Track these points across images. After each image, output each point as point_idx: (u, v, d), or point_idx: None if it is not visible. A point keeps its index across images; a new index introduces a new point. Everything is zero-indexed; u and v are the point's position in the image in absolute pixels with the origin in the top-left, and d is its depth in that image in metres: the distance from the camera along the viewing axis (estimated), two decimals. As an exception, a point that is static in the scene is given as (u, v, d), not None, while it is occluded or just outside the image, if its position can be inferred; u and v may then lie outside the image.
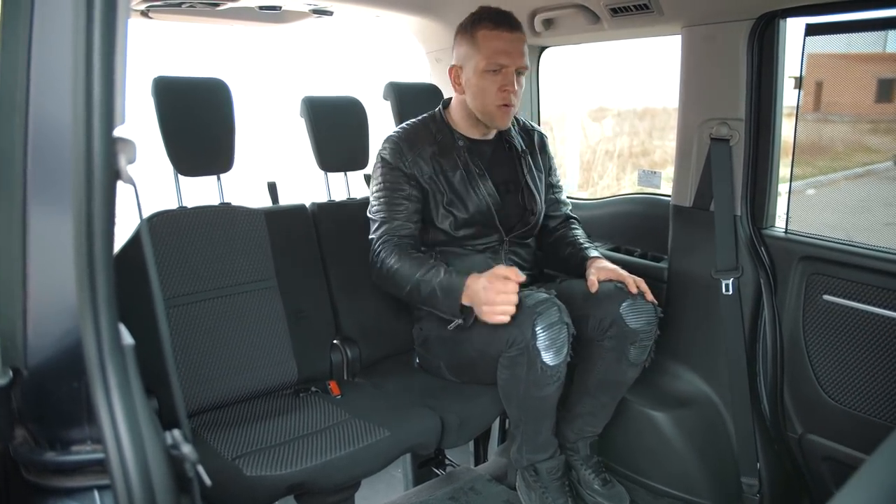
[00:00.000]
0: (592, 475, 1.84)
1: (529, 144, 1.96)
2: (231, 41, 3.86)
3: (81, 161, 0.73)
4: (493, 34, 1.72)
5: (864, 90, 1.84)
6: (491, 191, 1.82)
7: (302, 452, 1.46)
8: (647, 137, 10.53)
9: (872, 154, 2.21)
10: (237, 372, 1.73)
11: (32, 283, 0.83)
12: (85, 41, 0.72)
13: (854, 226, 1.80)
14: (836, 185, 2.17)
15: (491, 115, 1.79)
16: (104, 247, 0.77)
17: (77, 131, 0.73)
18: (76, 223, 0.75)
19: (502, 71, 1.73)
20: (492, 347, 1.59)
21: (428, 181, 1.79)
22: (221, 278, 1.76)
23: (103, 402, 0.76)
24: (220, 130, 1.77)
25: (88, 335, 0.76)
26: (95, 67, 0.73)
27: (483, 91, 1.75)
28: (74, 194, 0.75)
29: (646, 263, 2.08)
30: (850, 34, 1.60)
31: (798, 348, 1.75)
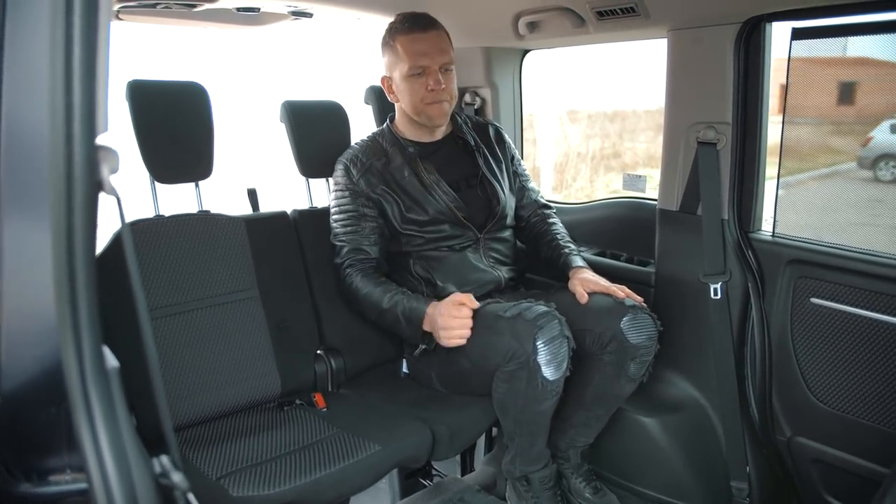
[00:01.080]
0: (583, 483, 1.82)
1: (485, 138, 1.98)
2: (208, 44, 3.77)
3: (61, 172, 0.68)
4: (409, 38, 1.77)
5: (827, 93, 1.86)
6: (447, 190, 1.83)
7: (290, 470, 1.41)
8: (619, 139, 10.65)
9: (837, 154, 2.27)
10: (219, 386, 1.67)
11: (6, 303, 0.77)
12: (64, 43, 0.67)
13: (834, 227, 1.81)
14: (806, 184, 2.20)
15: (426, 114, 1.83)
16: (86, 263, 0.72)
17: (56, 140, 0.68)
18: (55, 238, 0.70)
19: (426, 72, 1.78)
20: (489, 361, 1.56)
21: (381, 194, 1.81)
22: (201, 289, 1.70)
23: (87, 431, 0.71)
24: (198, 136, 1.71)
25: (70, 359, 0.71)
26: (76, 71, 0.68)
27: (413, 94, 1.80)
28: (53, 207, 0.69)
29: (632, 268, 2.06)
30: (836, 38, 1.60)
31: (786, 351, 1.75)
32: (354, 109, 2.13)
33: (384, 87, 1.88)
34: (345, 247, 1.80)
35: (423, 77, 1.78)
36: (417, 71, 1.77)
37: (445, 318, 1.60)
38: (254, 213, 1.92)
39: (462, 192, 1.86)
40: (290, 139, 1.96)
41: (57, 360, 0.72)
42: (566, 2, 1.85)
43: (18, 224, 0.76)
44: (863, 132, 3.43)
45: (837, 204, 1.79)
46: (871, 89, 2.02)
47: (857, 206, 1.80)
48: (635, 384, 1.72)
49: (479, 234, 1.85)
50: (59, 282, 0.70)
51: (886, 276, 1.54)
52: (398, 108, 1.90)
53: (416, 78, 1.78)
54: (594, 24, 1.87)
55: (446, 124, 1.92)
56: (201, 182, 1.77)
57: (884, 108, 2.04)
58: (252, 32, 2.26)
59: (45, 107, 0.68)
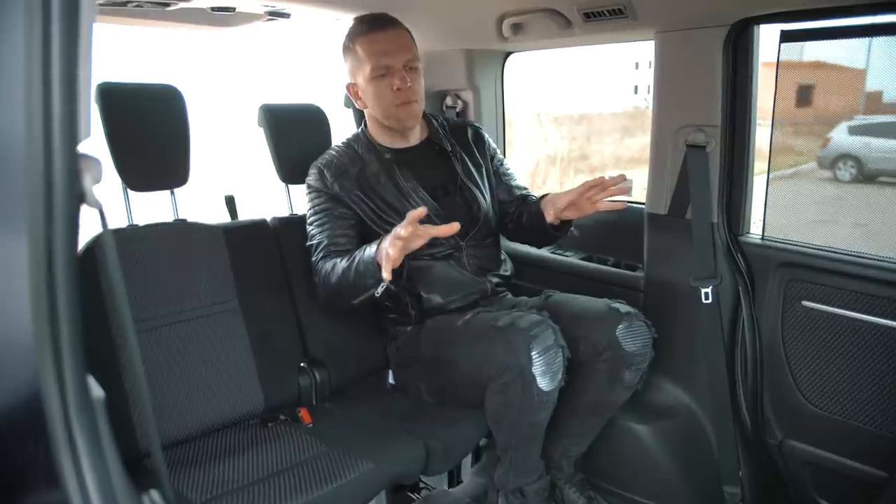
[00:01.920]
0: (577, 493, 1.79)
1: (463, 142, 1.91)
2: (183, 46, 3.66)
3: (39, 183, 0.61)
4: (368, 39, 1.71)
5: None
6: (425, 197, 1.77)
7: (280, 492, 1.34)
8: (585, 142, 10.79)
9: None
10: (200, 403, 1.59)
11: (-23, 328, 0.69)
12: (41, 44, 0.60)
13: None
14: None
15: (395, 117, 1.76)
16: (67, 283, 0.65)
17: (33, 149, 0.61)
18: (32, 255, 0.63)
19: (389, 72, 1.71)
20: (482, 373, 1.51)
21: (357, 201, 1.74)
22: (179, 302, 1.62)
23: (70, 469, 0.64)
24: (173, 141, 1.63)
25: (50, 389, 0.64)
26: (55, 75, 0.61)
27: (379, 97, 1.74)
28: (31, 221, 0.62)
29: (620, 273, 2.04)
30: (823, 41, 1.60)
31: (777, 355, 1.74)
32: (333, 112, 2.07)
33: (350, 95, 1.82)
34: (320, 244, 1.71)
35: (387, 78, 1.71)
36: (381, 72, 1.71)
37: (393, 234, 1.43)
38: (232, 222, 1.85)
39: (440, 200, 1.79)
40: (269, 144, 1.89)
41: (35, 390, 0.65)
42: (552, 3, 1.82)
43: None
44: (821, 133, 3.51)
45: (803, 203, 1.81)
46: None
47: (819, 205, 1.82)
48: (629, 392, 1.69)
49: (460, 241, 1.79)
50: (38, 306, 0.63)
51: (877, 279, 1.55)
52: (368, 114, 1.83)
53: (380, 80, 1.72)
54: (581, 26, 1.84)
55: (421, 129, 1.86)
56: (177, 190, 1.68)
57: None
58: (227, 33, 2.18)
59: (20, 113, 0.61)
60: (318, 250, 1.71)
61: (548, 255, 2.20)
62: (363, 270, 1.54)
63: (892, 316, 1.53)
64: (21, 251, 0.64)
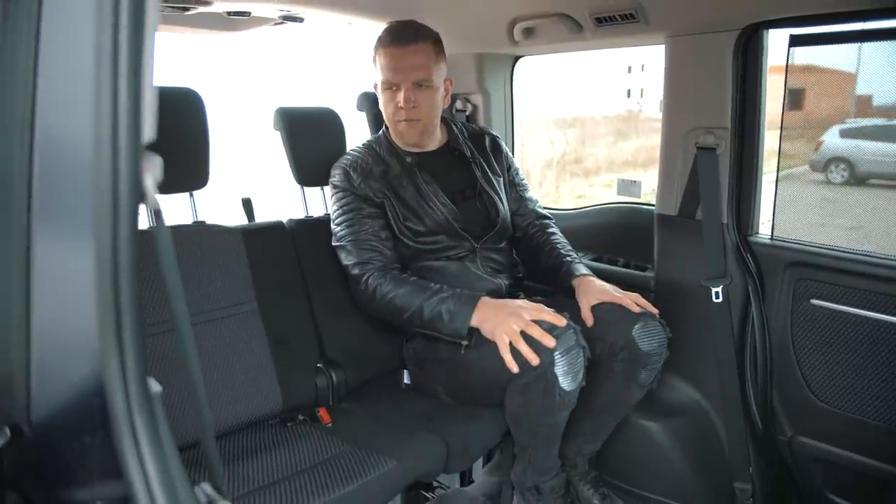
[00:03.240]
0: (591, 490, 1.81)
1: (481, 149, 1.95)
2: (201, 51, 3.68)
3: (107, 185, 0.63)
4: (385, 52, 1.74)
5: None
6: (445, 201, 1.79)
7: (307, 490, 1.35)
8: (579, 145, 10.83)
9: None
10: (220, 403, 1.60)
11: (38, 328, 0.71)
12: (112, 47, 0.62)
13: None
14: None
15: (396, 130, 1.81)
16: (130, 283, 0.67)
17: (102, 151, 0.63)
18: (99, 257, 0.65)
19: (396, 88, 1.75)
20: (502, 374, 1.51)
21: (383, 197, 1.77)
22: (198, 303, 1.63)
23: (134, 459, 0.66)
24: (193, 144, 1.65)
25: (115, 384, 0.66)
26: (122, 77, 0.63)
27: (385, 108, 1.80)
28: (98, 223, 0.64)
29: (631, 273, 2.07)
30: (833, 45, 1.63)
31: (787, 352, 1.77)
32: (347, 115, 2.09)
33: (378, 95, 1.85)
34: (354, 247, 1.72)
35: (393, 93, 1.75)
36: (389, 86, 1.75)
37: (520, 310, 1.52)
38: (250, 224, 1.87)
39: (459, 204, 1.82)
40: (286, 147, 1.91)
41: (95, 385, 0.67)
42: (564, 8, 1.85)
43: (53, 242, 0.70)
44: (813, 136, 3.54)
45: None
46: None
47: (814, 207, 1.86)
48: (644, 391, 1.72)
49: (475, 244, 1.82)
50: (104, 301, 0.65)
51: (885, 277, 1.58)
52: None
53: (389, 92, 1.76)
54: (592, 31, 1.87)
55: (441, 133, 1.90)
56: (196, 192, 1.70)
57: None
58: (241, 37, 2.20)
59: (90, 115, 0.63)
60: (357, 259, 1.71)
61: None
62: (446, 320, 1.58)
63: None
64: (83, 254, 0.66)
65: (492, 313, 1.54)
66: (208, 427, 0.75)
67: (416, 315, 1.63)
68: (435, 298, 1.61)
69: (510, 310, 1.52)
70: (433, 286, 1.65)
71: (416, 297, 1.63)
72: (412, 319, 1.65)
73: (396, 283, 1.67)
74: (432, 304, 1.61)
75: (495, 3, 1.98)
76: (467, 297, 1.60)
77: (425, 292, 1.63)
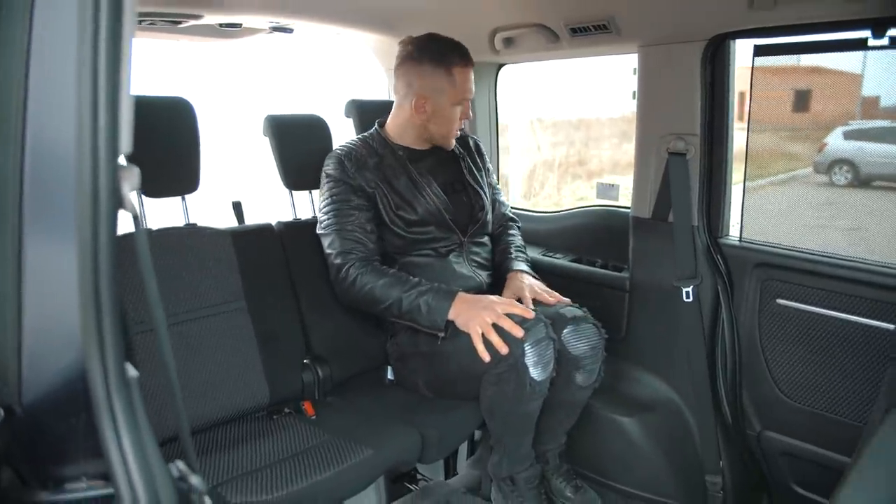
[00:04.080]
0: (564, 483, 1.88)
1: (466, 148, 2.06)
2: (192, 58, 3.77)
3: (88, 190, 0.71)
4: (466, 71, 1.85)
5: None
6: (437, 192, 1.89)
7: (285, 476, 1.44)
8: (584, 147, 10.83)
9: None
10: (209, 396, 1.68)
11: (28, 319, 0.79)
12: (91, 62, 0.70)
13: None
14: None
15: (449, 139, 1.93)
16: (109, 278, 0.75)
17: (83, 159, 0.71)
18: (81, 254, 0.73)
19: (465, 103, 1.88)
20: (477, 364, 1.60)
21: (374, 188, 1.84)
22: (189, 301, 1.71)
23: (112, 438, 0.74)
24: (184, 150, 1.73)
25: (95, 371, 0.74)
26: (101, 90, 0.71)
27: (451, 121, 1.89)
28: (80, 224, 0.72)
29: (607, 273, 2.14)
30: (794, 55, 1.71)
31: (755, 350, 1.84)
32: (334, 122, 2.17)
33: (413, 103, 1.86)
34: (338, 236, 1.78)
35: (461, 106, 1.88)
36: (461, 101, 1.87)
37: (486, 303, 1.63)
38: (240, 226, 1.95)
39: (449, 196, 1.92)
40: (274, 152, 1.99)
41: (79, 372, 0.75)
42: (541, 19, 1.93)
43: (41, 241, 0.78)
44: (817, 138, 3.57)
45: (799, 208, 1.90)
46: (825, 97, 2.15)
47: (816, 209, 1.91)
48: (588, 391, 1.77)
49: (462, 237, 1.91)
50: (85, 296, 0.73)
51: (846, 278, 1.65)
52: (407, 117, 1.90)
53: (458, 106, 1.88)
54: (568, 41, 1.95)
55: None
56: (188, 196, 1.79)
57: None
58: (233, 45, 2.28)
59: (69, 124, 0.71)
60: (339, 249, 1.78)
61: (539, 257, 2.30)
62: (424, 313, 1.68)
63: (861, 313, 1.63)
64: (68, 252, 0.74)
65: (466, 307, 1.63)
66: (181, 412, 0.83)
67: (395, 306, 1.71)
68: (414, 291, 1.70)
69: (483, 304, 1.62)
70: (412, 279, 1.74)
71: (394, 289, 1.71)
72: (390, 310, 1.73)
73: (376, 275, 1.75)
74: (411, 297, 1.69)
75: (476, 14, 2.06)
76: (445, 292, 1.69)
77: (405, 285, 1.72)
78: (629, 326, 2.06)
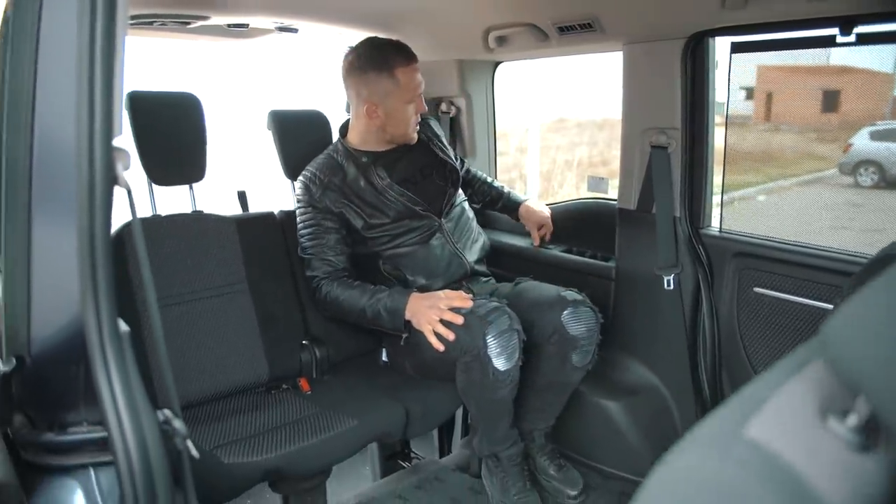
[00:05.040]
0: (548, 461, 1.97)
1: (429, 131, 2.17)
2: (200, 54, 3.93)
3: (85, 168, 0.83)
4: (409, 69, 1.93)
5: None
6: (399, 190, 1.97)
7: (276, 441, 1.56)
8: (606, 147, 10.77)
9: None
10: (211, 371, 1.81)
11: (37, 279, 0.91)
12: (89, 63, 0.82)
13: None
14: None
15: (409, 136, 2.01)
16: (103, 244, 0.86)
17: (81, 142, 0.83)
18: (79, 223, 0.84)
19: (417, 99, 1.96)
20: (448, 353, 1.70)
21: (342, 206, 1.93)
22: (194, 283, 1.84)
23: (105, 385, 0.85)
24: (192, 142, 1.86)
25: (91, 324, 0.85)
26: (97, 85, 0.83)
27: (405, 120, 1.97)
28: (78, 198, 0.84)
29: (595, 263, 2.22)
30: (769, 52, 1.78)
31: (734, 337, 1.91)
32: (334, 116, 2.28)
33: (364, 110, 1.94)
34: (313, 259, 1.91)
35: (414, 103, 1.95)
36: (412, 99, 1.94)
37: (433, 303, 1.74)
38: (244, 214, 2.07)
39: (419, 185, 2.01)
40: (277, 145, 2.11)
41: (78, 327, 0.87)
42: (530, 18, 2.01)
43: (47, 214, 0.90)
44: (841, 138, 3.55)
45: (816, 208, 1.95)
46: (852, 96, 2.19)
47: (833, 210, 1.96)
48: (582, 372, 1.86)
49: (438, 219, 2.00)
50: (83, 260, 0.85)
51: (819, 266, 1.71)
52: (364, 124, 1.98)
53: (410, 105, 1.95)
54: (556, 39, 2.04)
55: None
56: (195, 184, 1.91)
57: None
58: (241, 44, 2.41)
59: (70, 116, 0.82)
60: (313, 267, 1.92)
61: (531, 248, 2.39)
62: (386, 318, 1.81)
63: (831, 300, 1.70)
64: (67, 223, 0.86)
65: (415, 308, 1.76)
66: (167, 365, 0.94)
67: (362, 315, 1.85)
68: (373, 299, 1.83)
69: (429, 303, 1.73)
70: (371, 288, 1.86)
71: (360, 300, 1.85)
72: (363, 318, 1.86)
73: (343, 288, 1.88)
74: (372, 305, 1.82)
75: (471, 14, 2.15)
76: (399, 295, 1.81)
77: (365, 294, 1.85)
78: (615, 314, 2.13)
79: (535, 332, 1.80)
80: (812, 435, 0.42)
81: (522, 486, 1.87)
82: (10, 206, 0.94)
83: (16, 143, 0.92)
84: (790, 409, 0.45)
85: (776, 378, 0.49)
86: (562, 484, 1.95)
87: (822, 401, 0.44)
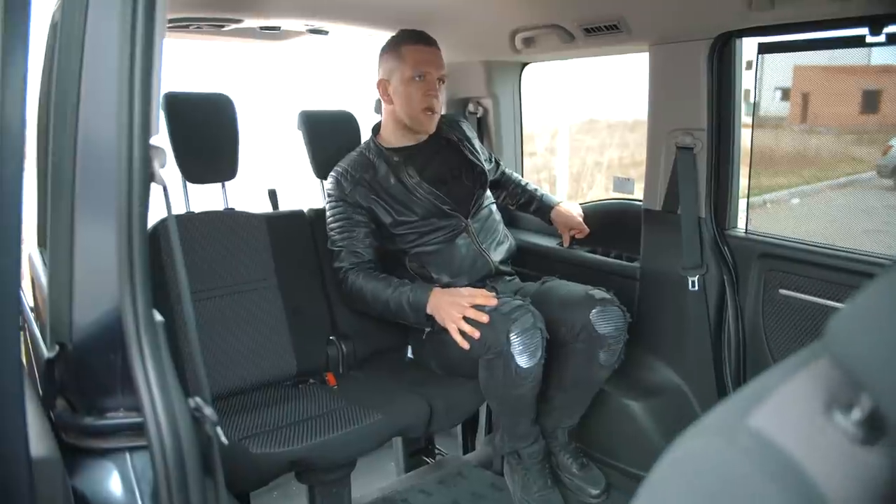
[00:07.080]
0: (570, 460, 1.98)
1: (458, 130, 2.18)
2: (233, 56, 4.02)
3: (124, 166, 0.88)
4: (416, 48, 1.97)
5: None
6: (428, 189, 1.99)
7: (303, 433, 1.60)
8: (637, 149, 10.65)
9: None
10: (240, 364, 1.86)
11: (79, 272, 0.97)
12: (129, 66, 0.86)
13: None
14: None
15: (418, 120, 2.00)
16: (140, 238, 0.91)
17: (120, 142, 0.88)
18: (118, 218, 0.89)
19: (426, 78, 1.96)
20: (472, 350, 1.72)
21: (372, 202, 1.97)
22: (225, 278, 1.90)
23: (140, 372, 0.90)
24: (225, 141, 1.92)
25: (128, 314, 0.90)
26: (136, 87, 0.87)
27: (410, 97, 1.97)
28: (117, 194, 0.89)
29: (620, 263, 2.22)
30: (798, 52, 1.76)
31: (759, 339, 1.90)
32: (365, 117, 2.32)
33: (379, 91, 2.03)
34: (342, 251, 1.95)
35: (422, 82, 1.96)
36: (419, 75, 1.95)
37: (455, 302, 1.75)
38: (274, 212, 2.13)
39: (448, 185, 2.03)
40: (307, 145, 2.16)
41: (117, 317, 0.92)
42: (556, 20, 2.03)
43: (89, 210, 0.95)
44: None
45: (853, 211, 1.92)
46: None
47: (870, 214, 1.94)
48: (608, 371, 1.86)
49: (465, 220, 2.02)
50: (121, 254, 0.89)
51: (844, 268, 1.69)
52: (387, 114, 2.05)
53: (416, 82, 1.95)
54: (582, 40, 2.05)
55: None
56: (227, 183, 1.97)
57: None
58: (273, 46, 2.47)
59: (111, 117, 0.87)
60: (341, 258, 1.96)
61: (556, 247, 2.40)
62: (409, 311, 1.84)
63: None
64: (107, 218, 0.90)
65: (437, 303, 1.78)
66: (199, 358, 0.98)
67: (386, 307, 1.88)
68: (397, 292, 1.85)
69: (451, 299, 1.75)
70: (396, 280, 1.89)
71: (383, 291, 1.87)
72: (386, 310, 1.89)
73: (368, 279, 1.91)
74: (396, 297, 1.85)
75: (498, 16, 2.18)
76: (421, 290, 1.83)
77: (389, 286, 1.87)
78: (639, 314, 2.13)
79: (563, 330, 1.82)
80: (815, 427, 0.43)
81: (544, 483, 1.89)
82: (56, 204, 0.99)
83: (62, 144, 0.97)
84: (794, 400, 0.46)
85: (783, 371, 0.50)
86: (584, 482, 1.96)
87: (827, 394, 0.45)
